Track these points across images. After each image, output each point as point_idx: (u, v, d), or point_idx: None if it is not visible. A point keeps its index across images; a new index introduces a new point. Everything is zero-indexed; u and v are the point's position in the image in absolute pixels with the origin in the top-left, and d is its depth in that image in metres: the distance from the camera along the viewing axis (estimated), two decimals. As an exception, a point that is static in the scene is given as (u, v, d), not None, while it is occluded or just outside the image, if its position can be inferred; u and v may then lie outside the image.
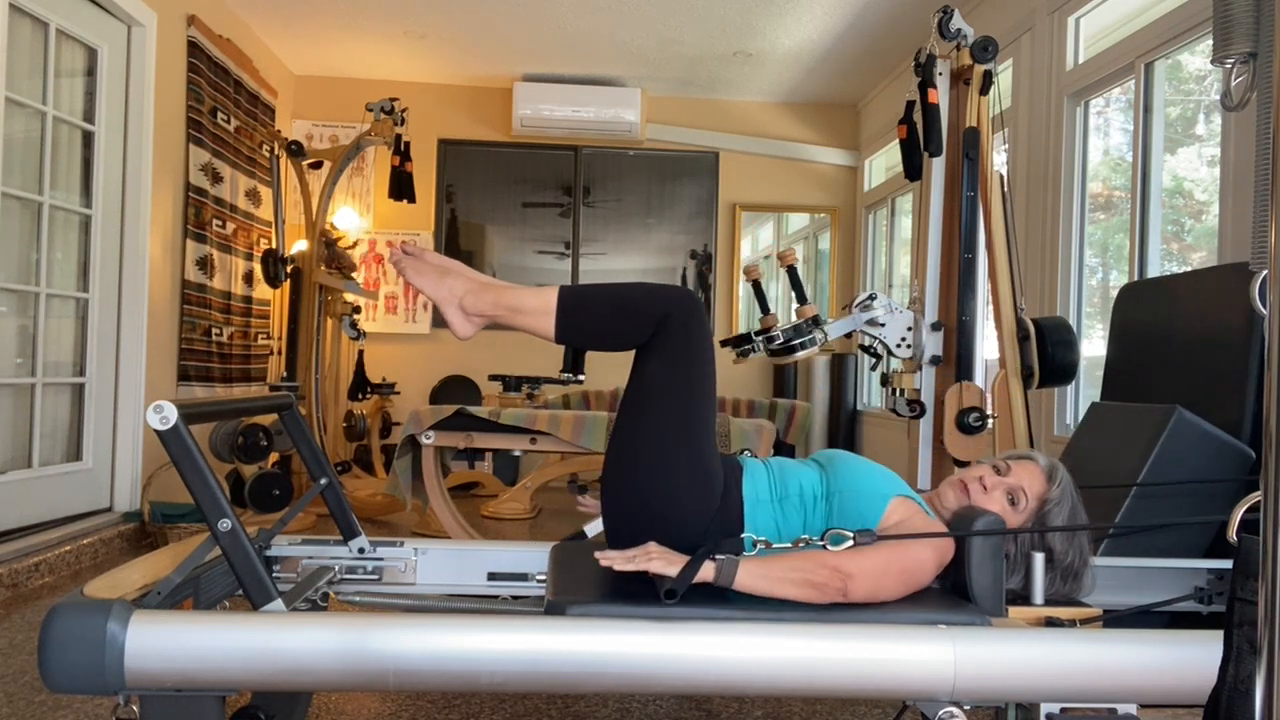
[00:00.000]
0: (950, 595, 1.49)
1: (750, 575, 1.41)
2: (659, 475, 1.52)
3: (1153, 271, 3.51)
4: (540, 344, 6.41)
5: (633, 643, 1.27)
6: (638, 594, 1.44)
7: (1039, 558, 1.52)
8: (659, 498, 1.52)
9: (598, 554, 1.46)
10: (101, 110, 4.00)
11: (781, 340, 3.01)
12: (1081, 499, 1.64)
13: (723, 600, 1.43)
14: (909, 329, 3.16)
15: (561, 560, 1.69)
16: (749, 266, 3.11)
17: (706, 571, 1.41)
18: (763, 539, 1.50)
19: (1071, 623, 1.42)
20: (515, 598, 1.88)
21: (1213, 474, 2.27)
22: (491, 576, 1.88)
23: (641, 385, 1.56)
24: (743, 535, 1.54)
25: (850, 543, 1.43)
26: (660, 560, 1.42)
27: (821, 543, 1.45)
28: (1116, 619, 1.56)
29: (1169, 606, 1.65)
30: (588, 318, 1.58)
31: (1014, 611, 1.48)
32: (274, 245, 5.28)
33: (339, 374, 5.25)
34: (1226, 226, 3.05)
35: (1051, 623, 1.43)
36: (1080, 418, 3.54)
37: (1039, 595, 1.51)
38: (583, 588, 1.48)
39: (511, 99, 6.30)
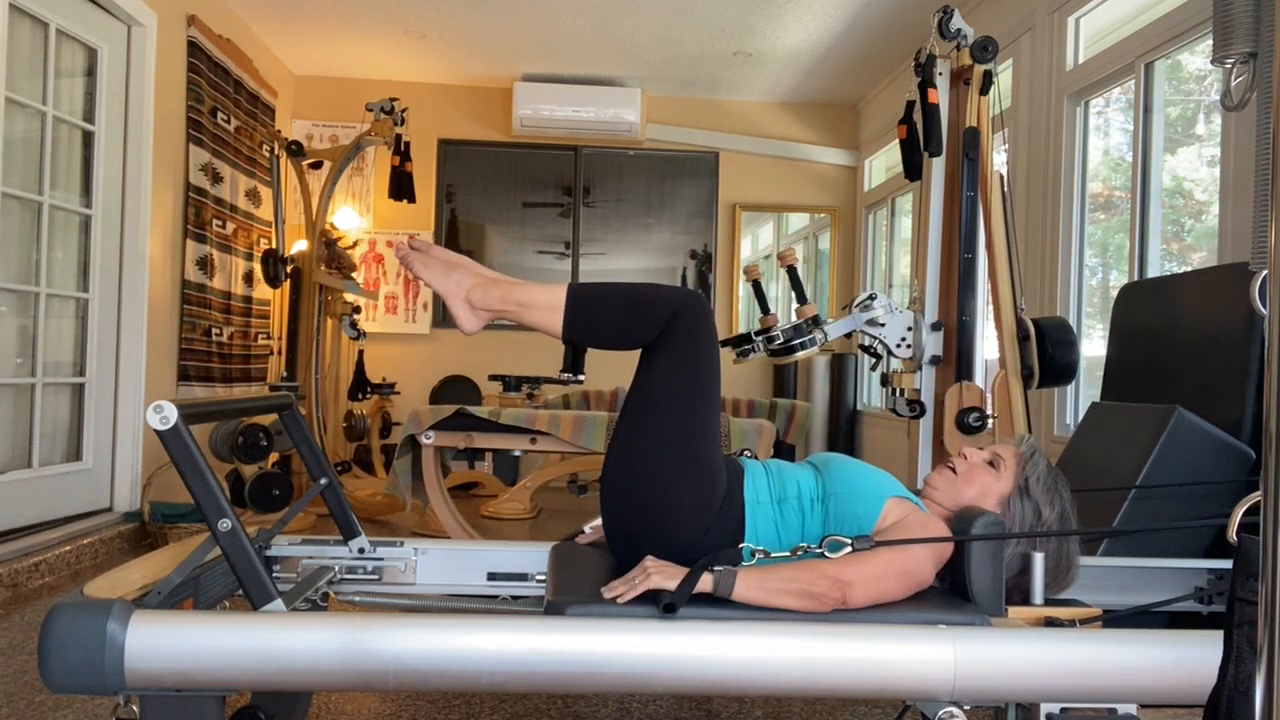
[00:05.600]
0: (950, 595, 1.49)
1: (748, 587, 1.39)
2: (659, 474, 1.52)
3: (1153, 271, 3.51)
4: (540, 344, 6.41)
5: (633, 643, 1.27)
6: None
7: (1038, 557, 1.52)
8: (658, 497, 1.52)
9: (604, 590, 1.43)
10: (101, 110, 4.00)
11: (781, 340, 3.01)
12: (1067, 490, 1.64)
13: (722, 602, 1.42)
14: (909, 329, 3.16)
15: (561, 560, 1.70)
16: (749, 266, 3.11)
17: (705, 584, 1.39)
18: (761, 549, 1.49)
19: (1071, 623, 1.42)
20: (515, 598, 1.88)
21: (1213, 474, 2.27)
22: (491, 576, 1.88)
23: (646, 385, 1.57)
24: (741, 546, 1.53)
25: (849, 549, 1.43)
26: (659, 575, 1.40)
27: (820, 550, 1.45)
28: (1116, 619, 1.56)
29: (1169, 606, 1.65)
30: (596, 315, 1.59)
31: (1014, 611, 1.48)
32: (274, 245, 5.28)
33: (339, 374, 5.24)
34: (1226, 226, 3.05)
35: (1051, 623, 1.43)
36: (1080, 418, 3.54)
37: (1039, 595, 1.52)
38: (582, 587, 1.48)
39: (511, 99, 6.30)
